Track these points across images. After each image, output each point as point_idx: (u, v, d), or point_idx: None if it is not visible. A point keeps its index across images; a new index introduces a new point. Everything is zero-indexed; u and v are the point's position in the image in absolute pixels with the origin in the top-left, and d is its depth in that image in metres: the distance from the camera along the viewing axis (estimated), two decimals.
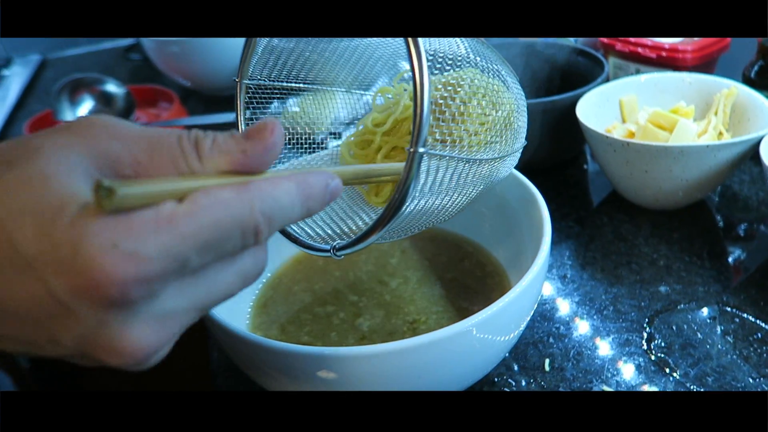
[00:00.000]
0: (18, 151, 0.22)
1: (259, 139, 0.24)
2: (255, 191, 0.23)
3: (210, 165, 0.24)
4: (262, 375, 0.38)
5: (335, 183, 0.27)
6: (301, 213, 0.25)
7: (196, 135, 0.24)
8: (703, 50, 0.70)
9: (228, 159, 0.24)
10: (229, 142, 0.24)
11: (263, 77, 0.43)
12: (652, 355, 0.45)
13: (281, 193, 0.24)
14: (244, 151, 0.24)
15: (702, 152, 0.51)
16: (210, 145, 0.24)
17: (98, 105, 0.88)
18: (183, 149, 0.23)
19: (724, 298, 0.49)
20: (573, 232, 0.59)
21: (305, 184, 0.25)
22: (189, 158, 0.23)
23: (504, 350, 0.40)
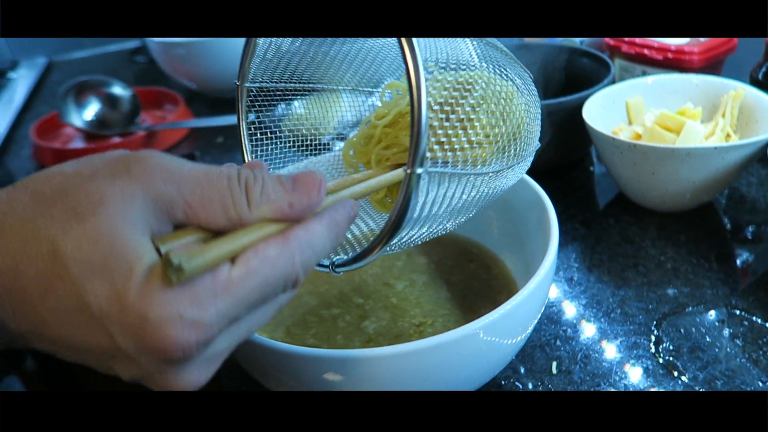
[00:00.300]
0: (82, 197, 0.22)
1: (306, 194, 0.26)
2: (295, 243, 0.25)
3: (257, 213, 0.25)
4: (267, 377, 0.38)
5: (355, 211, 0.29)
6: (331, 249, 0.27)
7: (246, 179, 0.25)
8: (709, 52, 0.70)
9: (274, 208, 0.25)
10: (277, 190, 0.25)
11: (265, 79, 0.43)
12: (660, 359, 0.45)
13: (317, 240, 0.26)
14: (291, 205, 0.25)
15: (710, 154, 0.51)
16: (259, 192, 0.25)
17: (104, 107, 0.89)
18: (233, 194, 0.24)
19: (733, 301, 0.49)
20: (579, 234, 0.59)
21: (334, 223, 0.27)
22: (238, 204, 0.24)
23: (511, 353, 0.39)
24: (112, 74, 0.94)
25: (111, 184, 0.23)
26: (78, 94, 0.87)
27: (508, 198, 0.48)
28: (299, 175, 0.26)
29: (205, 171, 0.25)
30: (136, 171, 0.23)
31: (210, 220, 0.24)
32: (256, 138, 0.44)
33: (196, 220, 0.24)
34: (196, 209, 0.24)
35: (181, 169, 0.24)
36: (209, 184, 0.24)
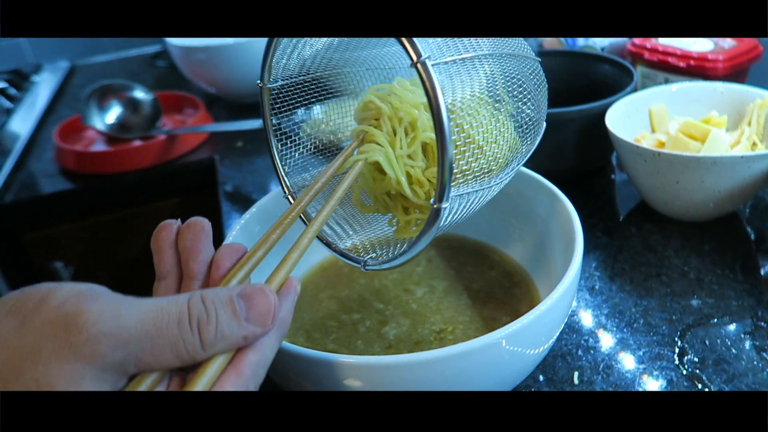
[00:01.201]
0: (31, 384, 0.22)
1: (261, 326, 0.26)
2: (248, 371, 0.26)
3: (211, 351, 0.25)
4: (287, 381, 0.38)
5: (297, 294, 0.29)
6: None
7: (198, 319, 0.25)
8: (734, 59, 0.69)
9: (229, 344, 0.26)
10: (232, 326, 0.25)
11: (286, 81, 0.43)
12: (684, 370, 0.44)
13: (267, 355, 0.27)
14: (245, 338, 0.26)
15: (736, 163, 0.50)
16: (213, 332, 0.25)
17: (126, 111, 0.90)
18: (185, 340, 0.24)
19: (759, 313, 0.48)
20: (601, 243, 0.58)
21: (280, 327, 0.27)
22: (192, 349, 0.25)
23: (533, 363, 0.39)
24: (133, 78, 0.96)
25: (59, 370, 0.22)
26: (100, 98, 0.88)
27: (531, 206, 0.48)
28: (252, 300, 0.26)
29: (154, 319, 0.24)
30: (78, 345, 0.22)
31: (163, 366, 0.24)
32: (281, 142, 0.44)
33: (150, 369, 0.24)
34: (148, 361, 0.24)
35: (127, 328, 0.23)
36: (159, 335, 0.24)
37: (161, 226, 0.30)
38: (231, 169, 0.82)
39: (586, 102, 0.61)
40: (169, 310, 0.25)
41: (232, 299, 0.26)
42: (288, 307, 0.28)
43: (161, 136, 0.86)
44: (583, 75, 0.72)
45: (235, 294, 0.26)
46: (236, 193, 0.77)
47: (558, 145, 0.63)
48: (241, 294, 0.26)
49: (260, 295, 0.26)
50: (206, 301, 0.25)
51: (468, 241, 0.53)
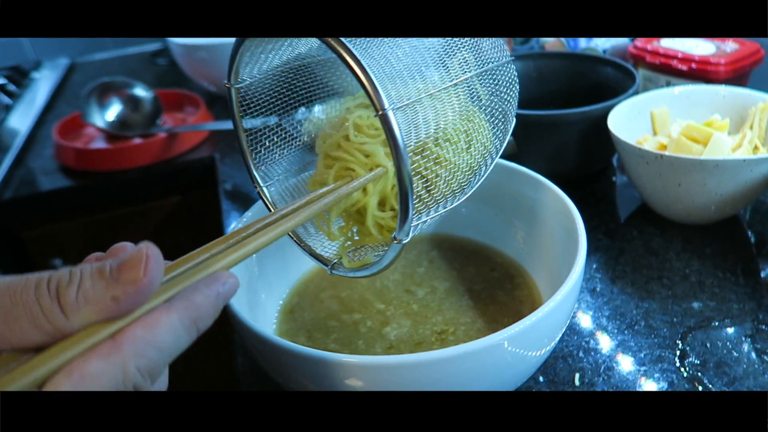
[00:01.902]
0: None
1: (131, 281, 0.21)
2: (128, 348, 0.21)
3: (77, 319, 0.21)
4: (289, 380, 0.38)
5: (227, 287, 0.25)
6: (191, 338, 0.23)
7: (58, 282, 0.21)
8: (736, 63, 0.69)
9: (97, 308, 0.21)
10: (97, 287, 0.21)
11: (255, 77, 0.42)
12: (685, 373, 0.44)
13: (162, 335, 0.22)
14: (115, 299, 0.21)
15: (738, 166, 0.50)
16: (74, 295, 0.21)
17: (126, 109, 0.90)
18: (42, 305, 0.21)
19: (760, 316, 0.48)
20: (602, 245, 0.58)
21: (189, 309, 0.23)
22: (51, 315, 0.21)
23: (535, 365, 0.39)
24: (133, 76, 0.95)
25: None
26: (101, 95, 0.88)
27: (535, 207, 0.48)
28: (125, 258, 0.22)
29: (7, 285, 0.21)
30: None
31: (22, 340, 0.21)
32: (259, 142, 0.44)
33: (8, 345, 0.21)
34: (3, 334, 0.20)
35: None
36: (12, 300, 0.21)
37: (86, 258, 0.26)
38: (231, 167, 0.82)
39: (588, 104, 0.61)
40: (28, 277, 0.21)
41: (104, 264, 0.22)
42: (207, 293, 0.24)
43: (161, 134, 0.86)
44: (585, 77, 0.72)
45: (110, 261, 0.22)
46: (236, 192, 0.76)
47: (560, 147, 0.63)
48: (116, 259, 0.22)
49: (134, 251, 0.22)
50: (73, 268, 0.22)
51: (470, 242, 0.53)
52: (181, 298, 0.23)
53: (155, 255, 0.22)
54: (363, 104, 0.40)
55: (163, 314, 0.22)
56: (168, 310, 0.23)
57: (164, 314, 0.22)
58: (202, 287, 0.24)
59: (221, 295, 0.24)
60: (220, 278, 0.25)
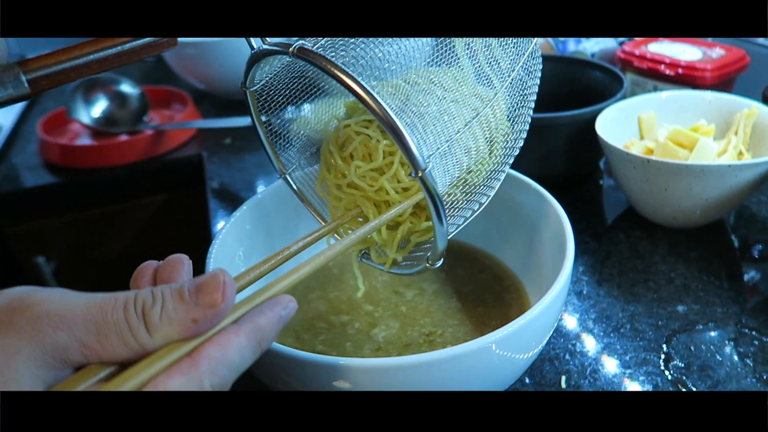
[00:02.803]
0: None
1: (210, 305, 0.24)
2: (204, 366, 0.23)
3: (159, 337, 0.24)
4: (276, 381, 0.38)
5: (288, 311, 0.27)
6: (255, 357, 0.26)
7: (143, 302, 0.24)
8: (722, 69, 0.70)
9: (178, 328, 0.24)
10: (179, 309, 0.24)
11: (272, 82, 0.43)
12: (669, 376, 0.44)
13: (231, 355, 0.24)
14: (195, 321, 0.24)
15: (723, 172, 0.51)
16: (158, 316, 0.24)
17: (112, 105, 0.89)
18: (130, 324, 0.23)
19: (743, 320, 0.49)
20: (589, 248, 0.59)
21: (256, 331, 0.25)
22: (137, 333, 0.23)
23: (522, 367, 0.39)
24: (120, 72, 0.94)
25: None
26: (87, 91, 0.87)
27: (523, 210, 0.48)
28: (202, 283, 0.24)
29: (99, 304, 0.23)
30: (20, 323, 0.22)
31: (111, 355, 0.23)
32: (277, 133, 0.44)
33: (97, 358, 0.23)
34: (94, 348, 0.23)
35: (72, 310, 0.23)
36: (104, 319, 0.23)
37: (140, 268, 0.29)
38: (219, 166, 0.81)
39: (576, 107, 0.62)
40: (116, 297, 0.24)
41: (183, 286, 0.24)
42: (271, 317, 0.26)
43: (148, 131, 0.85)
44: (573, 81, 0.73)
45: (186, 283, 0.25)
46: (224, 191, 0.76)
47: (548, 150, 0.63)
48: (193, 282, 0.25)
49: (210, 276, 0.25)
50: (155, 289, 0.24)
51: (459, 244, 0.53)
52: (247, 320, 0.25)
53: (230, 281, 0.25)
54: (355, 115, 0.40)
55: (233, 335, 0.25)
56: (237, 332, 0.25)
57: (234, 336, 0.25)
58: (266, 310, 0.26)
59: (283, 318, 0.27)
60: (281, 302, 0.27)
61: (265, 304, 0.26)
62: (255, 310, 0.26)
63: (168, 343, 0.24)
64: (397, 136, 0.30)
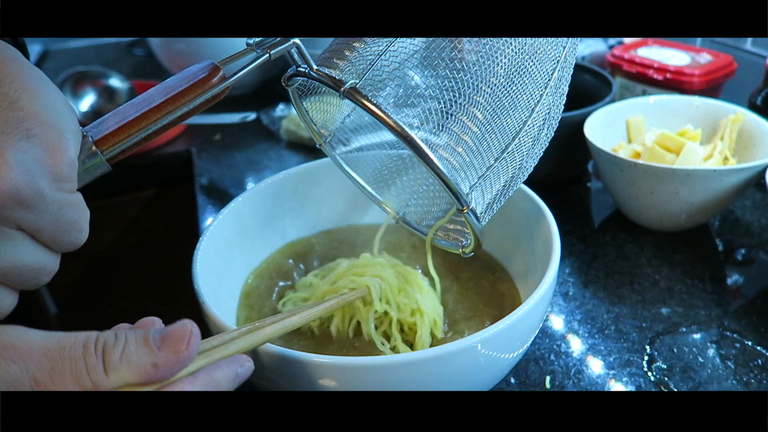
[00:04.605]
0: None
1: (174, 352, 0.24)
2: None
3: (115, 378, 0.23)
4: (262, 380, 0.38)
5: (245, 369, 0.27)
6: None
7: (104, 344, 0.23)
8: (710, 75, 0.71)
9: (137, 372, 0.23)
10: (140, 352, 0.23)
11: None
12: (652, 377, 0.45)
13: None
14: (155, 365, 0.23)
15: (709, 176, 0.52)
16: (119, 357, 0.23)
17: (101, 99, 0.88)
18: (87, 362, 0.23)
19: (725, 323, 0.49)
20: (576, 250, 0.59)
21: (211, 384, 0.25)
22: (93, 372, 0.23)
23: (508, 367, 0.39)
24: (109, 66, 0.93)
25: None
26: (75, 85, 0.86)
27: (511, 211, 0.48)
28: (169, 331, 0.24)
29: (59, 341, 0.23)
30: None
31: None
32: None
33: None
34: (45, 383, 0.22)
35: (30, 345, 0.22)
36: (61, 355, 0.22)
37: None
38: (208, 162, 0.81)
39: (566, 110, 0.62)
40: (77, 335, 0.23)
41: (148, 332, 0.24)
42: (227, 372, 0.26)
43: None
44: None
45: (153, 330, 0.25)
46: (212, 187, 0.76)
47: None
48: (159, 329, 0.25)
49: (179, 326, 0.25)
50: (119, 331, 0.24)
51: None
52: (204, 373, 0.26)
53: (197, 333, 0.25)
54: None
55: (188, 386, 0.25)
56: (192, 382, 0.25)
57: (188, 386, 0.25)
58: (224, 366, 0.26)
59: (239, 376, 0.27)
60: (239, 360, 0.27)
61: (224, 361, 0.27)
62: (213, 365, 0.26)
63: (123, 386, 0.23)
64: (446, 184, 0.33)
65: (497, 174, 0.37)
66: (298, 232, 0.54)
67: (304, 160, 0.69)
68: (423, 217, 0.48)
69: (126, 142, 0.31)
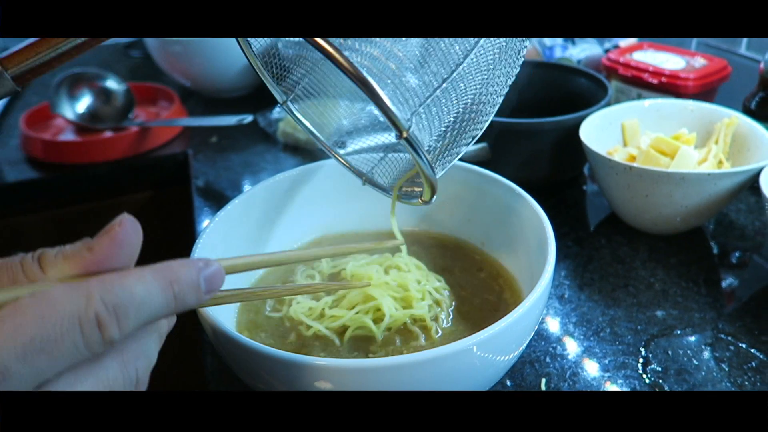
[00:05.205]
0: None
1: (107, 234, 0.23)
2: (94, 282, 0.21)
3: (53, 272, 0.22)
4: (258, 381, 0.38)
5: (212, 269, 0.25)
6: (166, 300, 0.23)
7: (42, 251, 0.22)
8: (704, 78, 0.71)
9: (74, 262, 0.22)
10: (76, 245, 0.23)
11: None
12: (647, 379, 0.45)
13: (132, 281, 0.22)
14: (90, 249, 0.22)
15: (703, 180, 0.52)
16: (54, 253, 0.22)
17: (97, 101, 0.88)
18: (24, 265, 0.22)
19: (720, 326, 0.50)
20: (571, 252, 0.59)
21: (165, 270, 0.23)
22: (29, 270, 0.22)
23: (503, 369, 0.39)
24: (105, 67, 0.93)
25: None
26: (71, 86, 0.86)
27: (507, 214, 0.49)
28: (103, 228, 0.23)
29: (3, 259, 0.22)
30: None
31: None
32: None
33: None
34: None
35: None
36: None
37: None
38: (204, 164, 0.81)
39: (562, 113, 0.62)
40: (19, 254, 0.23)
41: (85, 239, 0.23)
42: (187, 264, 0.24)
43: (133, 128, 0.85)
44: (559, 87, 0.74)
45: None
46: (209, 189, 0.76)
47: (533, 155, 0.64)
48: None
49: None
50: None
51: (457, 241, 0.54)
52: (161, 264, 0.23)
53: (132, 218, 0.23)
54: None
55: (137, 268, 0.23)
56: (145, 268, 0.23)
57: (138, 269, 0.23)
58: (187, 264, 0.24)
59: (203, 273, 0.24)
60: (202, 260, 0.25)
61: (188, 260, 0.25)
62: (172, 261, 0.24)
63: (63, 278, 0.22)
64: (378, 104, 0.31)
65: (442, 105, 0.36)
66: (294, 234, 0.54)
67: (300, 163, 0.69)
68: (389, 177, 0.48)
69: (34, 61, 0.30)
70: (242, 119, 0.78)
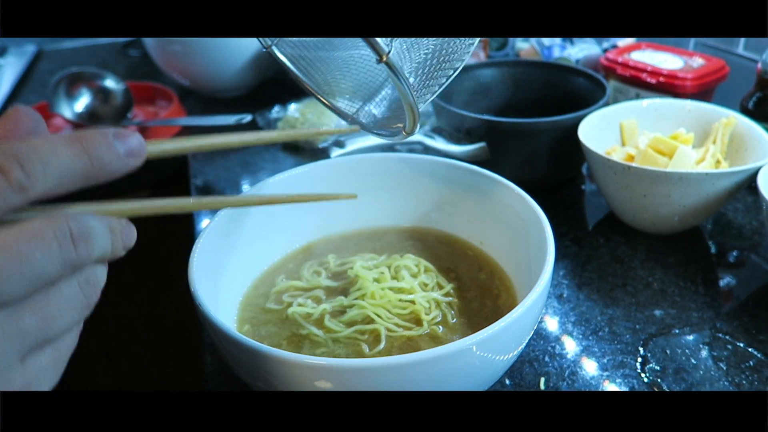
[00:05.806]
0: None
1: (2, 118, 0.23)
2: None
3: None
4: (257, 381, 0.38)
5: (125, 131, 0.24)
6: (75, 153, 0.23)
7: None
8: (702, 78, 0.71)
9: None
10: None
11: None
12: (645, 378, 0.45)
13: (39, 143, 0.21)
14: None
15: (701, 180, 0.52)
16: None
17: (95, 100, 0.88)
18: None
19: (718, 325, 0.50)
20: (570, 252, 0.59)
21: (79, 135, 0.23)
22: None
23: (503, 369, 0.40)
24: (103, 66, 0.93)
25: None
26: (70, 85, 0.86)
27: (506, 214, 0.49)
28: None
29: None
30: None
31: None
32: None
33: None
34: None
35: None
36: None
37: None
38: (203, 164, 0.81)
39: (560, 113, 0.62)
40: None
41: None
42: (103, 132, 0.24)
43: (132, 127, 0.85)
44: (557, 86, 0.74)
45: None
46: (208, 189, 0.76)
47: (531, 155, 0.64)
48: None
49: None
50: None
51: (457, 240, 0.54)
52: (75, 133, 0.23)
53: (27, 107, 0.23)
54: None
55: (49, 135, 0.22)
56: (57, 135, 0.22)
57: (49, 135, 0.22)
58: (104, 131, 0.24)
59: (120, 138, 0.24)
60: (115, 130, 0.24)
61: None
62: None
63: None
64: None
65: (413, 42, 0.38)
66: (294, 233, 0.54)
67: (299, 162, 0.69)
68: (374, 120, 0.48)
69: None
70: (241, 119, 0.78)
